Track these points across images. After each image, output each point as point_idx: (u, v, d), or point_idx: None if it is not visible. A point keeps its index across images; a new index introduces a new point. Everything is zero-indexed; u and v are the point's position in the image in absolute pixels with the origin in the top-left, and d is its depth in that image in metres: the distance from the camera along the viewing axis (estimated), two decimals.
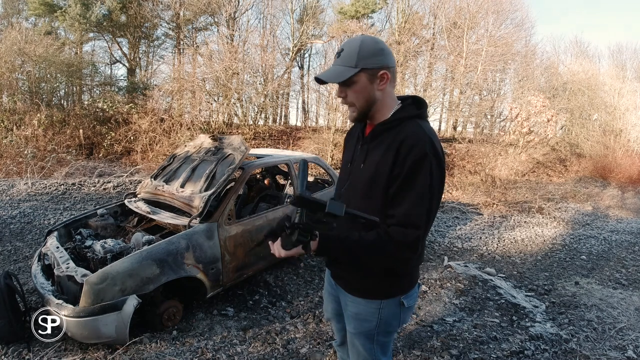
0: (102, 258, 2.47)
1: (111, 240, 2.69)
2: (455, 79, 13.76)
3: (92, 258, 2.50)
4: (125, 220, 3.33)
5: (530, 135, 10.28)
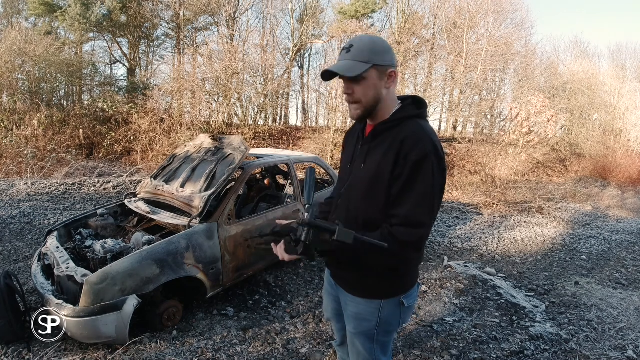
0: (102, 258, 2.47)
1: (111, 240, 2.69)
2: (455, 79, 13.77)
3: (92, 258, 2.50)
4: (125, 220, 3.33)
5: (530, 135, 10.29)
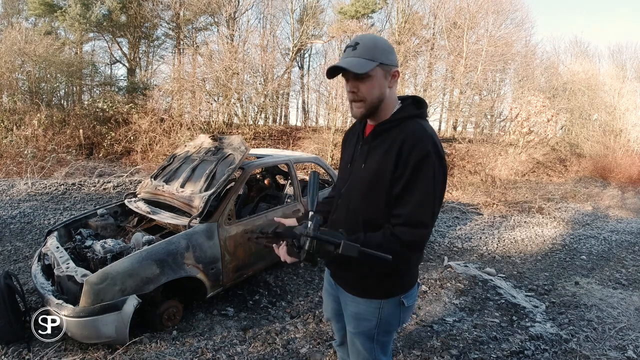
0: (102, 258, 2.47)
1: (111, 240, 2.69)
2: (455, 79, 13.77)
3: (92, 258, 2.50)
4: (125, 220, 3.33)
5: (530, 135, 10.28)
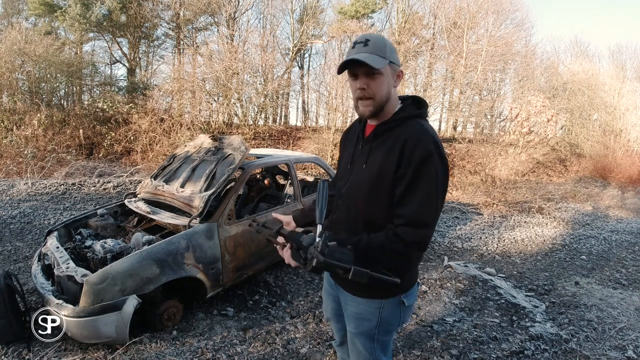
0: (102, 258, 2.47)
1: (111, 240, 2.69)
2: (455, 79, 13.77)
3: (92, 258, 2.50)
4: (125, 220, 3.33)
5: (530, 135, 10.28)
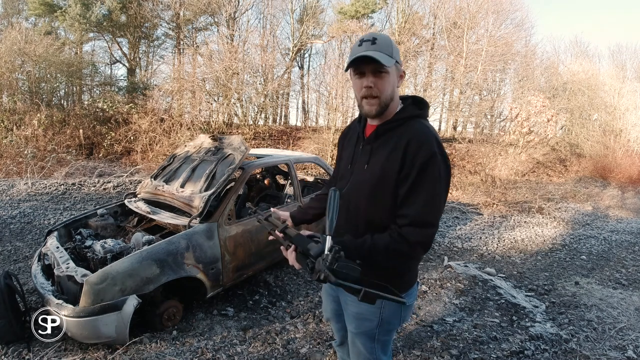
0: (102, 258, 2.47)
1: (111, 240, 2.69)
2: (455, 79, 13.76)
3: (92, 258, 2.50)
4: (125, 220, 3.33)
5: (530, 135, 10.28)
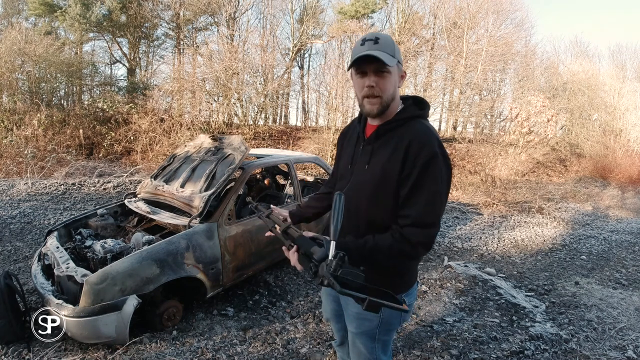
0: (102, 258, 2.47)
1: (111, 240, 2.69)
2: (455, 79, 13.76)
3: (92, 258, 2.50)
4: (125, 220, 3.33)
5: (530, 135, 10.28)
